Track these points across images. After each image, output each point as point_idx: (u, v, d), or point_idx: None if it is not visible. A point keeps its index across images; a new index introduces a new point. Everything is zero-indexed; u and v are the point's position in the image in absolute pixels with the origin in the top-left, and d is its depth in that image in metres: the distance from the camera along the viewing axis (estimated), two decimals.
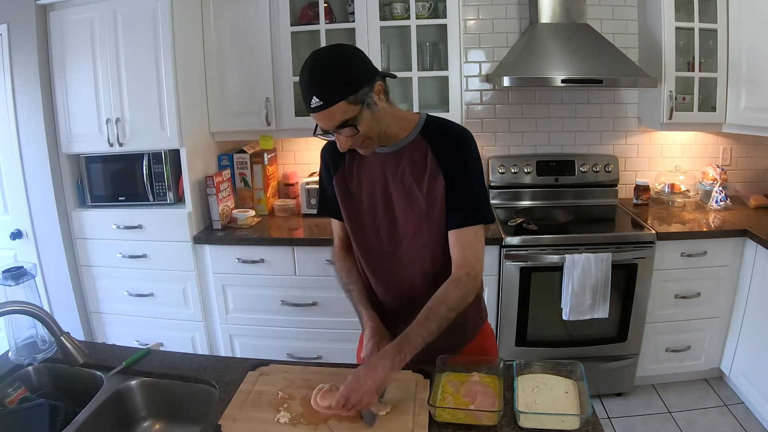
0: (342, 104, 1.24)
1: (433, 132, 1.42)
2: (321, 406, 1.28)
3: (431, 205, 1.40)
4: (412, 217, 1.42)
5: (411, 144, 1.42)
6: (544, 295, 2.66)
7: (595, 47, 2.76)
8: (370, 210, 1.46)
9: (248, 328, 2.84)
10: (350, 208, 1.49)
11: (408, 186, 1.41)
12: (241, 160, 3.02)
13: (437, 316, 1.30)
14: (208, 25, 2.78)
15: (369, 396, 1.21)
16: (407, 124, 1.43)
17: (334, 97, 1.24)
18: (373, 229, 1.47)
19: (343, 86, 1.24)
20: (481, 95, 3.16)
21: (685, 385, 2.90)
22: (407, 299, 1.48)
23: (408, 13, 2.75)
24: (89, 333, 2.99)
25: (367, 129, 1.30)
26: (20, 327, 1.47)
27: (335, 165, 1.51)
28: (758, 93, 2.62)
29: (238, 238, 2.72)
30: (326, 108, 1.24)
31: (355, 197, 1.48)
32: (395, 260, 1.47)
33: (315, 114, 1.27)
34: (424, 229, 1.42)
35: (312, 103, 1.25)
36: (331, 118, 1.26)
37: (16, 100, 2.70)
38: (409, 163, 1.41)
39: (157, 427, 1.50)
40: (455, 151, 1.39)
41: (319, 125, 1.31)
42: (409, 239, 1.44)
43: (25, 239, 2.87)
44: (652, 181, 3.17)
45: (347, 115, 1.26)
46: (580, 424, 1.20)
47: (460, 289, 1.34)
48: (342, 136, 1.30)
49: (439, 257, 1.43)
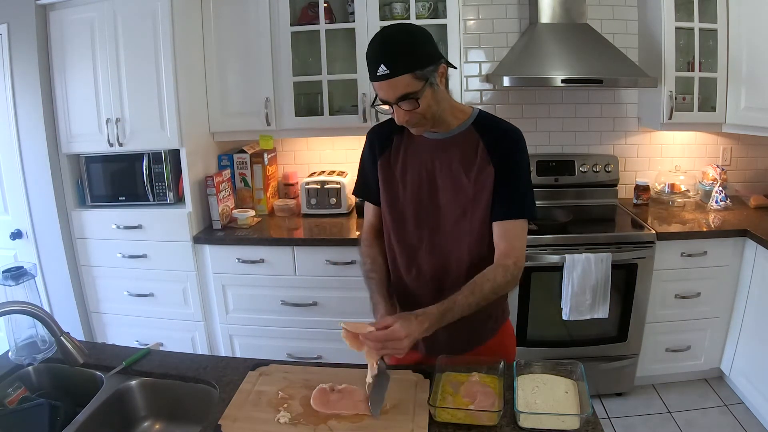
0: (408, 76, 1.27)
1: (485, 125, 1.45)
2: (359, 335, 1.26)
3: (477, 193, 1.42)
4: (456, 204, 1.44)
5: (463, 134, 1.45)
6: (544, 295, 2.66)
7: (595, 47, 2.76)
8: (413, 194, 1.47)
9: (248, 328, 2.84)
10: (392, 192, 1.50)
11: (455, 173, 1.43)
12: (241, 160, 3.02)
13: (481, 293, 1.34)
14: (208, 25, 2.78)
15: (409, 344, 1.23)
16: (461, 114, 1.46)
17: (402, 68, 1.26)
18: (413, 214, 1.48)
19: (411, 59, 1.28)
20: (481, 95, 3.16)
21: (685, 385, 2.90)
22: (436, 286, 1.49)
23: (408, 13, 2.75)
24: (89, 333, 2.99)
25: (426, 107, 1.33)
26: (20, 327, 1.47)
27: (381, 148, 1.52)
28: (758, 93, 2.62)
29: (238, 238, 2.72)
30: (392, 77, 1.27)
31: (399, 181, 1.49)
32: (432, 246, 1.48)
33: (379, 83, 1.29)
34: (467, 216, 1.44)
35: (379, 71, 1.27)
36: (395, 89, 1.28)
37: (16, 100, 2.70)
38: (459, 151, 1.43)
39: (157, 427, 1.50)
40: (506, 145, 1.43)
41: (381, 95, 1.32)
42: (450, 226, 1.45)
43: (25, 239, 2.88)
44: (652, 181, 3.17)
45: (410, 89, 1.29)
46: (580, 424, 1.20)
47: (507, 275, 1.38)
48: (401, 109, 1.32)
49: (476, 246, 1.45)
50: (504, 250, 1.41)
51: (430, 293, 1.48)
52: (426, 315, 1.27)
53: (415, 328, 1.24)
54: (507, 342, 1.61)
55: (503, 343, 1.58)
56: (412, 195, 1.47)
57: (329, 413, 1.26)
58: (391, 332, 1.22)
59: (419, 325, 1.25)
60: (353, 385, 1.35)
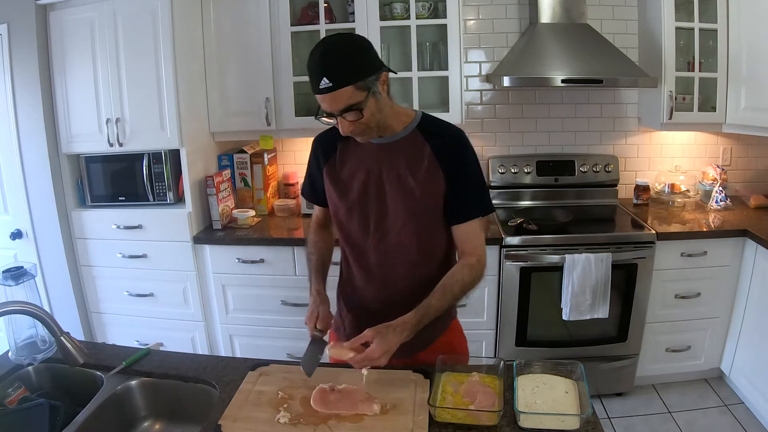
0: (350, 88, 1.28)
1: (429, 128, 1.48)
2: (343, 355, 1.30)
3: (426, 197, 1.44)
4: (404, 206, 1.45)
5: (408, 137, 1.46)
6: (544, 295, 2.66)
7: (595, 47, 2.76)
8: (360, 199, 1.49)
9: (248, 328, 2.84)
10: (340, 197, 1.51)
11: (403, 177, 1.45)
12: (241, 160, 3.02)
13: (452, 294, 1.40)
14: (208, 25, 2.78)
15: (387, 357, 1.28)
16: (404, 118, 1.48)
17: (344, 80, 1.27)
18: (361, 218, 1.50)
19: (352, 71, 1.28)
20: (481, 95, 3.16)
21: (685, 385, 2.90)
22: (389, 288, 1.51)
23: (408, 13, 2.75)
24: (89, 333, 2.99)
25: (370, 116, 1.34)
26: (20, 327, 1.48)
27: (326, 155, 1.54)
28: (758, 93, 2.62)
29: (238, 238, 2.72)
30: (335, 90, 1.27)
31: (346, 186, 1.50)
32: (382, 249, 1.49)
33: (322, 96, 1.30)
34: (415, 219, 1.46)
35: (321, 84, 1.28)
36: (338, 101, 1.29)
37: (16, 100, 2.70)
38: (406, 155, 1.45)
39: (157, 427, 1.50)
40: (454, 149, 1.45)
41: (324, 107, 1.33)
42: (398, 229, 1.47)
43: (25, 239, 2.87)
44: (652, 181, 3.17)
45: (353, 100, 1.30)
46: (580, 424, 1.20)
47: (473, 273, 1.44)
48: (345, 120, 1.32)
49: (426, 247, 1.49)
50: (467, 249, 1.47)
51: (378, 293, 1.53)
52: (404, 324, 1.32)
53: (393, 339, 1.29)
54: (456, 341, 1.64)
55: (452, 342, 1.61)
56: (359, 200, 1.48)
57: (329, 413, 1.26)
58: (370, 352, 1.27)
59: (398, 336, 1.30)
60: (353, 385, 1.35)
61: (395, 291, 1.50)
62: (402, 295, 1.46)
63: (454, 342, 1.63)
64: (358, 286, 1.57)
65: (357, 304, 1.58)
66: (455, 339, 1.64)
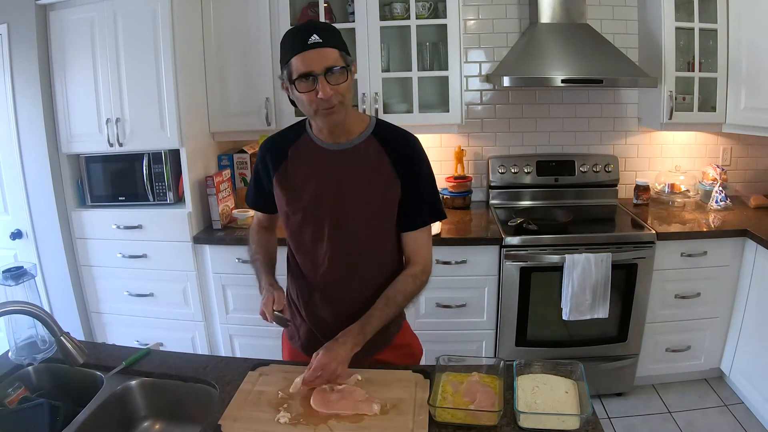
0: (336, 51, 1.30)
1: (384, 135, 1.46)
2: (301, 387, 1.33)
3: (384, 205, 1.44)
4: (361, 215, 1.43)
5: (363, 144, 1.44)
6: (544, 295, 2.66)
7: (595, 47, 2.76)
8: (313, 207, 1.45)
9: (248, 328, 2.84)
10: (291, 205, 1.48)
11: (361, 185, 1.43)
12: (241, 160, 3.02)
13: (395, 304, 1.44)
14: (208, 25, 2.78)
15: (342, 366, 1.33)
16: (361, 122, 1.47)
17: (333, 41, 1.29)
18: (315, 226, 1.46)
19: (339, 38, 1.33)
20: (481, 95, 3.16)
21: (685, 385, 2.90)
22: (342, 296, 1.50)
23: (408, 13, 2.75)
24: (89, 333, 2.99)
25: (347, 89, 1.34)
26: (20, 327, 1.48)
27: (276, 161, 1.49)
28: (758, 93, 2.62)
29: (238, 238, 2.72)
30: (324, 47, 1.27)
31: (298, 193, 1.46)
32: (336, 257, 1.46)
33: (307, 53, 1.27)
34: (372, 227, 1.45)
35: (311, 40, 1.26)
36: (325, 59, 1.28)
37: (16, 100, 2.70)
38: (362, 162, 1.43)
39: (157, 427, 1.50)
40: (410, 157, 1.45)
41: (305, 68, 1.27)
42: (355, 237, 1.45)
43: (25, 239, 2.87)
44: (652, 181, 3.17)
45: (338, 63, 1.30)
46: (580, 424, 1.20)
47: (416, 282, 1.47)
48: (327, 84, 1.29)
49: (382, 255, 1.50)
50: (413, 258, 1.50)
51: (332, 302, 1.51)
52: (346, 335, 1.36)
53: (340, 350, 1.33)
54: (411, 340, 1.67)
55: (408, 342, 1.64)
56: (313, 207, 1.45)
57: (329, 413, 1.26)
58: (317, 365, 1.31)
59: (342, 345, 1.34)
60: (352, 386, 1.35)
61: (349, 298, 1.48)
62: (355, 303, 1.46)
63: (410, 341, 1.66)
64: (311, 296, 1.53)
65: (311, 314, 1.55)
66: (409, 338, 1.67)
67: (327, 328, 1.49)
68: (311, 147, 1.45)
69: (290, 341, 1.67)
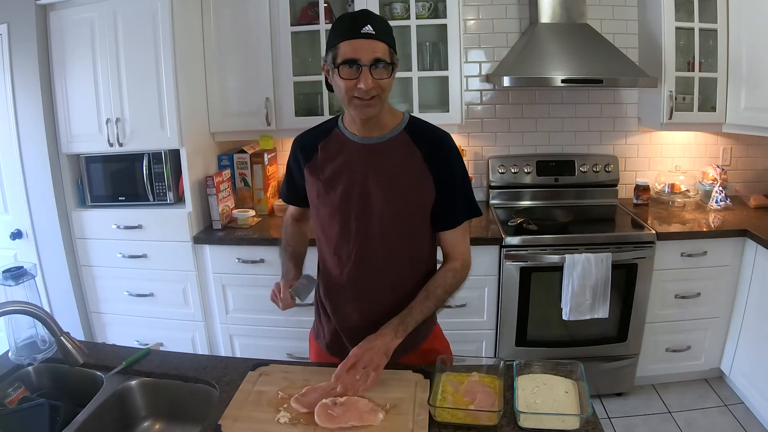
0: (386, 46, 1.31)
1: (417, 131, 1.45)
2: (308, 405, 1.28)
3: (415, 202, 1.43)
4: (390, 210, 1.42)
5: (395, 139, 1.44)
6: (544, 295, 2.66)
7: (595, 47, 2.76)
8: (343, 201, 1.44)
9: (248, 328, 2.84)
10: (322, 199, 1.48)
11: (391, 180, 1.41)
12: (241, 160, 3.02)
13: (435, 297, 1.43)
14: (208, 25, 2.78)
15: (379, 356, 1.31)
16: (393, 117, 1.47)
17: (385, 36, 1.31)
18: (343, 220, 1.45)
19: (391, 34, 1.34)
20: (481, 95, 3.16)
21: (685, 385, 2.90)
22: (369, 297, 1.49)
23: (408, 13, 2.75)
24: (89, 333, 2.99)
25: (388, 85, 1.34)
26: (20, 327, 1.47)
27: (307, 156, 1.50)
28: (758, 93, 2.62)
29: (238, 238, 2.72)
30: (375, 39, 1.28)
31: (328, 188, 1.46)
32: (365, 254, 1.46)
33: (358, 41, 1.27)
34: (402, 223, 1.44)
35: (364, 30, 1.27)
36: (374, 51, 1.29)
37: (16, 100, 2.70)
38: (394, 157, 1.42)
39: (157, 427, 1.50)
40: (443, 155, 1.44)
41: (353, 55, 1.28)
42: (383, 233, 1.44)
43: (25, 239, 2.87)
44: (652, 181, 3.17)
45: (386, 57, 1.31)
46: (580, 424, 1.20)
47: (456, 277, 1.47)
48: (370, 75, 1.29)
49: (411, 253, 1.48)
50: (453, 254, 1.50)
51: (360, 298, 1.49)
52: (386, 326, 1.37)
53: (377, 340, 1.34)
54: (438, 345, 1.63)
55: (436, 348, 1.60)
56: (342, 202, 1.44)
57: (336, 427, 1.22)
58: (351, 354, 1.31)
59: (380, 336, 1.35)
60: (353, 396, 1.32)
61: (377, 300, 1.48)
62: (382, 305, 1.45)
63: (439, 346, 1.62)
64: (337, 294, 1.53)
65: (336, 313, 1.54)
66: (438, 343, 1.63)
67: (352, 329, 1.48)
68: (342, 141, 1.45)
69: (316, 340, 1.66)
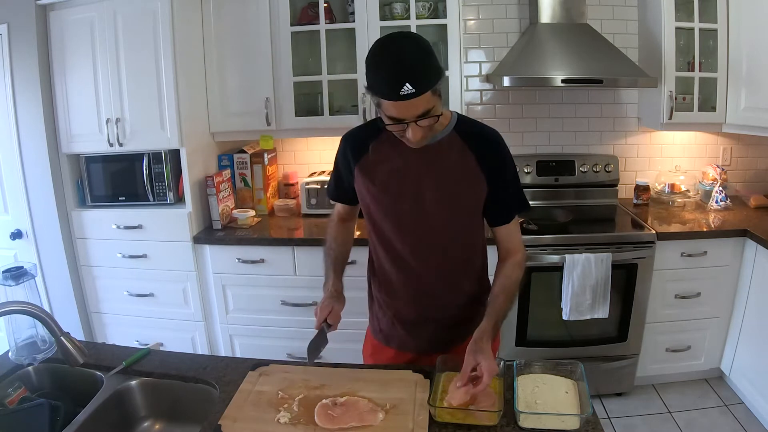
0: (428, 93, 1.23)
1: (467, 130, 1.46)
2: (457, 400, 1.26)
3: (468, 200, 1.45)
4: (444, 209, 1.44)
5: (446, 139, 1.44)
6: (544, 295, 2.66)
7: (595, 47, 2.76)
8: (397, 200, 1.46)
9: (248, 328, 2.84)
10: (375, 198, 1.49)
11: (444, 180, 1.43)
12: (241, 160, 3.02)
13: (512, 294, 1.47)
14: (208, 25, 2.78)
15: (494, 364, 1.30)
16: (443, 118, 1.41)
17: (426, 85, 1.22)
18: (396, 220, 1.48)
19: (432, 76, 1.24)
20: (481, 95, 3.16)
21: (685, 385, 2.90)
22: (423, 288, 1.53)
23: (408, 13, 2.75)
24: (89, 333, 2.99)
25: (436, 122, 1.32)
26: (20, 327, 1.47)
27: (357, 154, 1.50)
28: (758, 93, 2.62)
29: (238, 238, 2.72)
30: (417, 96, 1.21)
31: (381, 187, 1.47)
32: (416, 251, 1.49)
33: (398, 102, 1.22)
34: (455, 222, 1.46)
35: (403, 91, 1.19)
36: (417, 107, 1.24)
37: (16, 100, 2.70)
38: (445, 157, 1.43)
39: (157, 427, 1.50)
40: (494, 152, 1.46)
41: (397, 114, 1.25)
42: (437, 232, 1.47)
43: (25, 239, 2.87)
44: (652, 181, 3.17)
45: (430, 105, 1.26)
46: (580, 424, 1.20)
47: (521, 268, 1.51)
48: (418, 127, 1.27)
49: (464, 250, 1.52)
50: (511, 248, 1.52)
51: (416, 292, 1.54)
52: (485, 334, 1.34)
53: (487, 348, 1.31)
54: None
55: None
56: (393, 202, 1.46)
57: (336, 428, 1.22)
58: (488, 371, 1.26)
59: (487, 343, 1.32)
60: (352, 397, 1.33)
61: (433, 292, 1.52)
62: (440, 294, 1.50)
63: None
64: (393, 292, 1.57)
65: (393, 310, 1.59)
66: None
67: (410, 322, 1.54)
68: (393, 141, 1.42)
69: (373, 335, 1.69)
